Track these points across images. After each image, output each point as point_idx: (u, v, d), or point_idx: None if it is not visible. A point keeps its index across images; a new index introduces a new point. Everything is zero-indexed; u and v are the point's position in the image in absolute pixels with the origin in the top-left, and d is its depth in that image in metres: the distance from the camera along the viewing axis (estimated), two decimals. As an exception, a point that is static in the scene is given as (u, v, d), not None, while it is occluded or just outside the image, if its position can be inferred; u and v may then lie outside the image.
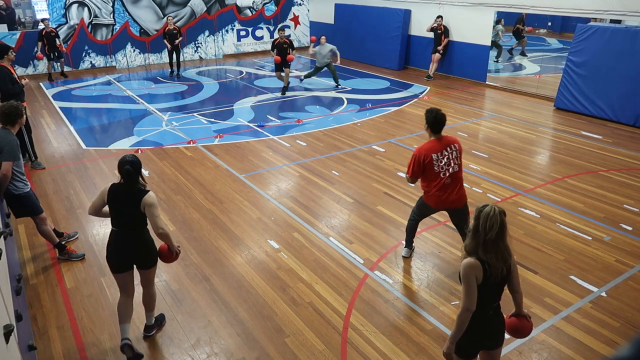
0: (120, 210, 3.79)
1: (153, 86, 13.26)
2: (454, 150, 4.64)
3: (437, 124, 4.54)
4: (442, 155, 4.56)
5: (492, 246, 2.74)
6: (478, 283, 2.76)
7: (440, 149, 4.57)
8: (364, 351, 3.96)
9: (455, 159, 4.63)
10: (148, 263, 3.92)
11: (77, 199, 6.63)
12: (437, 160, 4.55)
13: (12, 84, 7.00)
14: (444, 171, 4.58)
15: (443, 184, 4.60)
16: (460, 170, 4.71)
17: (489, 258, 2.74)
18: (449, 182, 4.61)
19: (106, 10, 15.01)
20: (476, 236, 2.77)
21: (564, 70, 10.63)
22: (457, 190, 4.67)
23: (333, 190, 6.84)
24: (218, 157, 8.09)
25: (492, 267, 2.75)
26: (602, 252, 5.33)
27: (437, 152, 4.56)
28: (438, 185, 4.61)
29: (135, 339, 4.09)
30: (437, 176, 4.59)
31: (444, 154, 4.57)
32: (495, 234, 2.71)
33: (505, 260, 2.77)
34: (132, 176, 3.72)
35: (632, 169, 7.53)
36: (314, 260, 5.19)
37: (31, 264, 5.21)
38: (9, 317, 3.15)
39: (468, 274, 2.77)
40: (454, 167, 4.62)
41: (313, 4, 18.49)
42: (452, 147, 4.63)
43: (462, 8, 13.00)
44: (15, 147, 4.71)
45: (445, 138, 4.64)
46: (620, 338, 4.08)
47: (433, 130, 4.59)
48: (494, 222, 2.71)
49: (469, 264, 2.77)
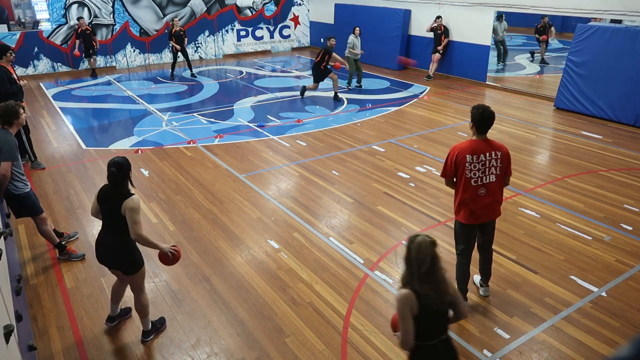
0: (104, 211, 3.83)
1: (153, 86, 13.26)
2: (496, 158, 4.02)
3: (484, 122, 3.98)
4: (478, 160, 3.98)
5: (427, 278, 2.61)
6: (414, 315, 2.59)
7: (479, 152, 3.99)
8: (364, 351, 3.96)
9: (494, 168, 4.03)
10: (129, 269, 3.86)
11: (77, 199, 6.63)
12: (470, 163, 3.98)
13: (10, 84, 7.01)
14: (477, 178, 4.02)
15: (475, 194, 4.05)
16: (499, 182, 4.10)
17: (425, 289, 2.60)
18: (483, 192, 4.05)
19: (106, 10, 15.01)
20: (409, 267, 2.65)
21: (564, 70, 10.62)
22: (488, 204, 4.09)
23: (333, 190, 6.84)
24: (218, 157, 8.09)
25: (430, 299, 2.60)
26: (602, 252, 5.33)
27: (474, 155, 3.98)
28: (468, 194, 4.06)
29: (136, 340, 4.10)
30: (468, 182, 4.03)
31: (481, 159, 3.98)
32: (428, 266, 2.60)
33: (443, 293, 2.63)
34: (115, 178, 3.73)
35: (632, 168, 7.53)
36: (314, 260, 5.19)
37: (31, 264, 5.21)
38: (9, 317, 3.15)
39: (401, 306, 2.61)
40: (489, 176, 4.03)
41: (313, 4, 18.50)
42: (494, 153, 4.02)
43: (462, 8, 13.00)
44: (13, 147, 4.71)
45: (489, 142, 4.06)
46: (620, 338, 4.08)
47: (478, 130, 4.02)
48: (425, 255, 2.60)
49: (400, 295, 2.62)
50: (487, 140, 4.06)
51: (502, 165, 4.06)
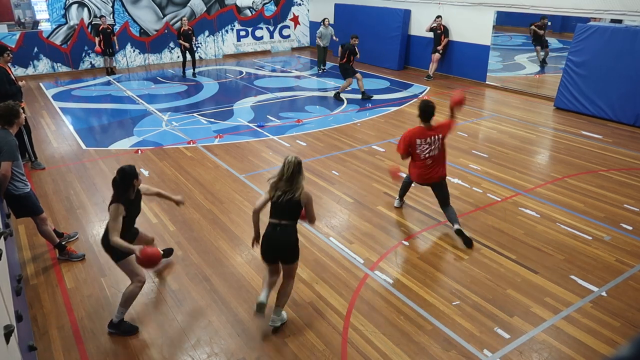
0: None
1: (153, 86, 13.27)
2: (438, 139, 5.41)
3: (424, 114, 5.36)
4: (425, 142, 5.38)
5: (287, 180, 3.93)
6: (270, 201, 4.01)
7: (425, 136, 5.37)
8: (364, 351, 3.96)
9: (436, 144, 5.41)
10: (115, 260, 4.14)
11: (77, 199, 6.63)
12: (419, 145, 5.38)
13: (9, 84, 7.01)
14: (425, 153, 5.41)
15: (424, 164, 5.46)
16: (442, 152, 5.47)
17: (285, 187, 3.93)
18: (429, 162, 5.45)
19: (106, 10, 15.01)
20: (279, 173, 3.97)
21: (564, 70, 10.63)
22: (437, 169, 5.49)
23: (333, 190, 6.84)
24: (218, 157, 8.09)
25: (283, 193, 3.93)
26: (602, 251, 5.33)
27: (421, 138, 5.37)
28: (419, 164, 5.48)
29: (136, 340, 4.10)
30: (419, 157, 5.44)
31: (428, 141, 5.38)
32: (291, 173, 3.91)
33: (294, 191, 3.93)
34: (115, 184, 4.05)
35: (632, 168, 7.53)
36: (314, 260, 5.19)
37: (31, 265, 5.21)
38: (9, 318, 3.15)
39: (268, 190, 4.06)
40: (433, 150, 5.41)
41: (313, 4, 18.50)
42: (436, 136, 5.39)
43: (462, 8, 13.00)
44: (14, 147, 4.71)
45: (432, 127, 5.40)
46: (620, 338, 4.07)
47: (422, 119, 5.39)
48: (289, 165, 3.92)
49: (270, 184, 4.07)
50: (431, 126, 5.40)
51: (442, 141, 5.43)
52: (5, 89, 6.93)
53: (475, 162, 7.80)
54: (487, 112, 10.70)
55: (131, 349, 4.01)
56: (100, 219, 6.11)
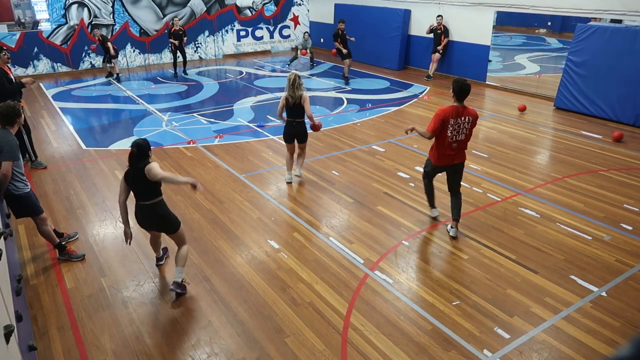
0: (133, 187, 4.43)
1: (153, 86, 13.26)
2: (468, 121, 5.25)
3: (460, 92, 5.13)
4: (456, 123, 5.19)
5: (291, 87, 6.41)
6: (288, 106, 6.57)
7: (458, 116, 5.18)
8: (364, 351, 3.96)
9: (465, 129, 5.27)
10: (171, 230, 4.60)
11: (77, 199, 6.63)
12: (452, 124, 5.19)
13: (9, 84, 7.02)
14: (452, 136, 5.24)
15: (450, 146, 5.30)
16: (467, 139, 5.37)
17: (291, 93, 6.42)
18: (455, 146, 5.32)
19: (106, 10, 15.01)
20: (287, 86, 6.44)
21: (564, 70, 10.63)
22: (460, 153, 5.43)
23: (333, 190, 6.84)
24: (218, 157, 8.09)
25: (291, 97, 6.41)
26: (602, 251, 5.33)
27: (455, 118, 5.17)
28: (446, 144, 5.29)
29: (136, 340, 4.09)
30: (446, 139, 5.26)
31: (458, 122, 5.20)
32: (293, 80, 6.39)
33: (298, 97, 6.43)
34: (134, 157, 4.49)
35: (632, 168, 7.54)
36: (314, 260, 5.19)
37: (31, 265, 5.21)
38: (9, 318, 3.15)
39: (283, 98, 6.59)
40: (460, 134, 5.27)
41: (313, 4, 18.50)
42: (467, 119, 5.23)
43: (462, 8, 13.00)
44: (14, 147, 4.71)
45: (466, 108, 5.23)
46: (620, 338, 4.08)
47: (457, 98, 5.19)
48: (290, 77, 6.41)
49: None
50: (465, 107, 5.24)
51: (471, 127, 5.31)
52: (5, 88, 6.93)
53: (475, 162, 7.80)
54: (487, 112, 10.70)
55: (131, 348, 4.01)
56: (100, 219, 6.11)
